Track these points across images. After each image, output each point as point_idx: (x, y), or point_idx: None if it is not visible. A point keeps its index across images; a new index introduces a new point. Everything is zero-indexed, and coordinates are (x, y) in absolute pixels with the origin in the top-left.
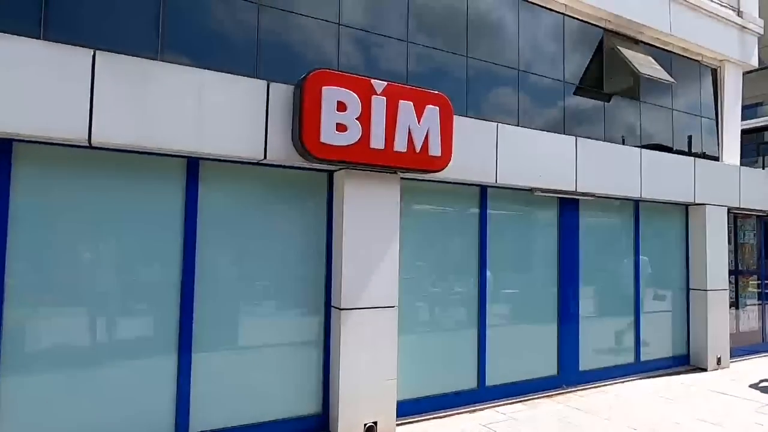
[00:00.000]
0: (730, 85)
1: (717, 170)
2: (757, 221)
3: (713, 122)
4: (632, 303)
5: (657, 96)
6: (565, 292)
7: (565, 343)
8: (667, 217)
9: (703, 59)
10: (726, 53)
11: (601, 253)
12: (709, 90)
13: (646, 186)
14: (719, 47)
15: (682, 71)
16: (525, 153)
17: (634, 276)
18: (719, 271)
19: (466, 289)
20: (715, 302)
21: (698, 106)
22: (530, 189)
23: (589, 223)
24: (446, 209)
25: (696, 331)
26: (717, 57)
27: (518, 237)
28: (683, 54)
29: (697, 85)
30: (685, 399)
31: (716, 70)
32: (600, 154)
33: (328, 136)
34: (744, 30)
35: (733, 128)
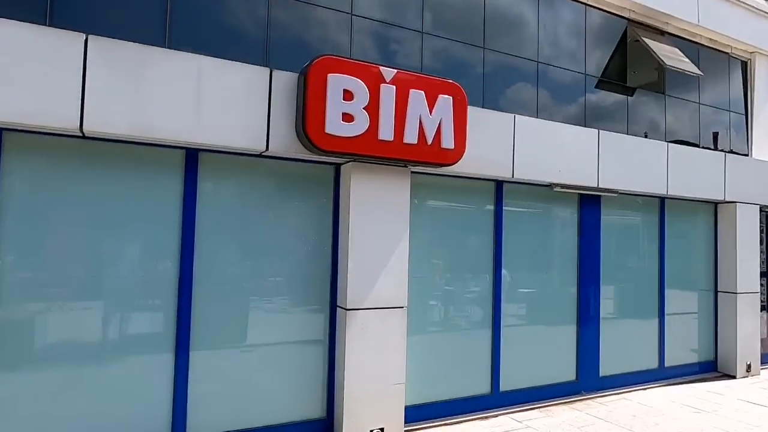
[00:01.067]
0: (760, 78)
1: (748, 166)
2: None
3: (742, 117)
4: (656, 305)
5: (683, 90)
6: (585, 293)
7: (585, 346)
8: (695, 216)
9: (732, 51)
10: (757, 45)
11: (624, 252)
12: (738, 83)
13: (673, 182)
14: (750, 38)
15: (710, 64)
16: (544, 146)
17: (659, 277)
18: (750, 273)
19: (480, 289)
20: (745, 306)
21: (727, 101)
22: (549, 184)
23: (611, 220)
24: (460, 205)
25: (725, 336)
26: (747, 49)
27: (536, 234)
28: (711, 46)
29: (725, 78)
30: (713, 409)
31: (746, 63)
32: (624, 148)
33: (333, 126)
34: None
35: (764, 123)
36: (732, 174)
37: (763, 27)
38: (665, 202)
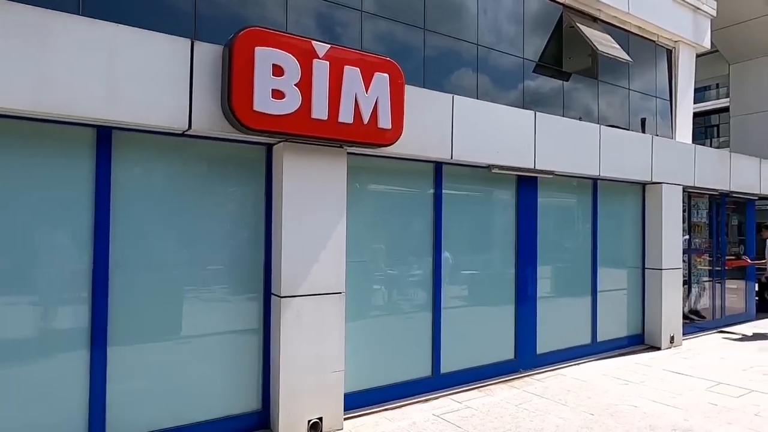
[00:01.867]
0: (683, 66)
1: (673, 149)
2: (709, 200)
3: (667, 103)
4: (590, 283)
5: (614, 76)
6: (523, 273)
7: (523, 325)
8: (625, 197)
9: (658, 39)
10: (681, 34)
11: (560, 233)
12: (664, 71)
13: (605, 164)
14: (674, 28)
15: (638, 51)
16: (482, 128)
17: (592, 256)
18: (674, 250)
19: (420, 272)
20: (669, 281)
21: (654, 87)
22: (488, 166)
23: (547, 201)
24: (399, 188)
25: (651, 311)
26: (672, 38)
27: (475, 216)
28: (640, 34)
29: (652, 65)
30: (640, 380)
31: (671, 51)
32: (559, 131)
33: (262, 103)
34: (697, 11)
35: (686, 109)
36: (658, 156)
37: (685, 17)
38: (598, 184)
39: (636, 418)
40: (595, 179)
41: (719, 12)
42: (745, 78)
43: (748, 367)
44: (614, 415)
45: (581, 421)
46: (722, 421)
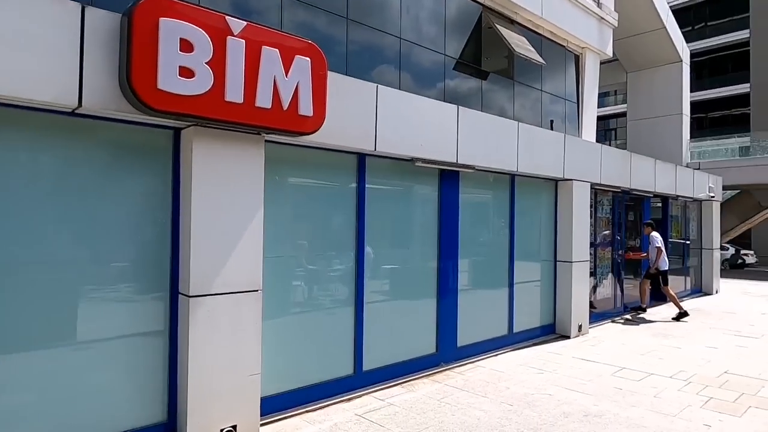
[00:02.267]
0: (589, 71)
1: (583, 147)
2: (612, 197)
3: (575, 105)
4: (507, 276)
5: (528, 78)
6: (444, 267)
7: (444, 319)
8: (539, 192)
9: (568, 45)
10: (587, 41)
11: (480, 226)
12: (572, 75)
13: (523, 160)
14: (582, 34)
15: (550, 55)
16: (406, 120)
17: (509, 249)
18: (582, 244)
19: (342, 267)
20: (578, 273)
21: (563, 89)
22: (411, 159)
23: (468, 196)
24: (321, 179)
25: (561, 301)
26: (580, 44)
27: (398, 210)
28: (552, 38)
29: (562, 69)
30: (554, 369)
31: (579, 57)
32: (481, 126)
33: (168, 81)
34: (602, 21)
35: (591, 111)
36: (570, 154)
37: (592, 25)
38: (515, 180)
39: (551, 406)
40: (513, 175)
41: (620, 24)
42: (639, 86)
43: (645, 352)
44: (531, 404)
45: (501, 412)
46: (627, 404)
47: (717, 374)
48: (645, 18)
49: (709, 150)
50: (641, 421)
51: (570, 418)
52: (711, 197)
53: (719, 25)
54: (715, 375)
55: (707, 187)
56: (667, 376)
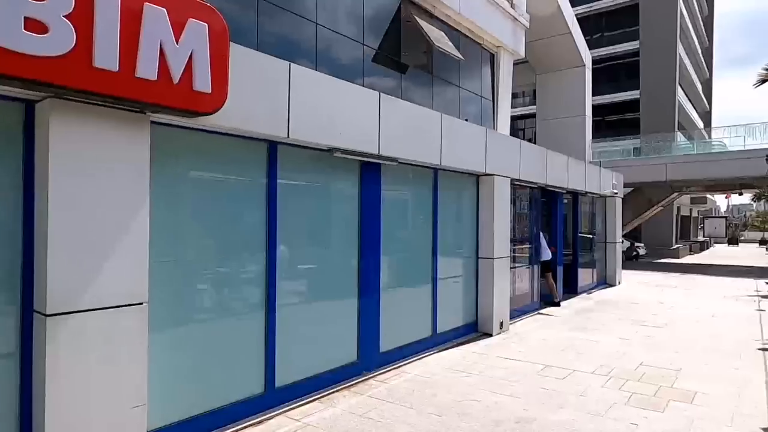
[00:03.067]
0: (504, 69)
1: (503, 142)
2: (530, 193)
3: (491, 102)
4: (430, 274)
5: (447, 74)
6: (366, 267)
7: (366, 323)
8: (462, 188)
9: (484, 43)
10: (502, 40)
11: (403, 223)
12: (488, 73)
13: (446, 153)
14: (497, 33)
15: (467, 52)
16: (324, 105)
17: (433, 247)
18: (503, 240)
19: (251, 270)
20: (499, 270)
21: (479, 87)
22: (329, 149)
23: (390, 190)
24: (225, 170)
25: (483, 299)
26: (495, 43)
27: (316, 205)
28: (469, 36)
29: (479, 67)
30: (480, 371)
31: (494, 56)
32: (404, 116)
33: (9, 36)
34: (516, 21)
35: (505, 109)
36: (491, 149)
37: (506, 25)
38: (438, 174)
39: (481, 414)
40: (436, 169)
41: (530, 27)
42: (547, 87)
43: (566, 347)
44: (461, 414)
45: (429, 424)
46: (555, 406)
47: (634, 367)
48: (553, 23)
49: (607, 150)
50: (572, 425)
51: (502, 427)
52: (614, 193)
53: (613, 36)
54: (633, 368)
55: (611, 183)
56: (589, 371)
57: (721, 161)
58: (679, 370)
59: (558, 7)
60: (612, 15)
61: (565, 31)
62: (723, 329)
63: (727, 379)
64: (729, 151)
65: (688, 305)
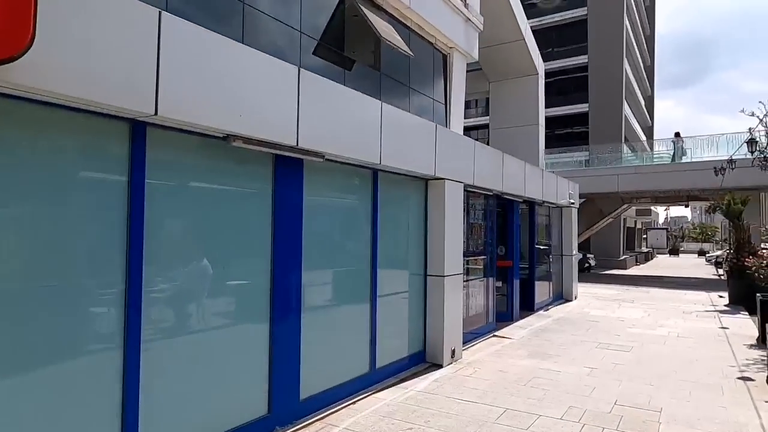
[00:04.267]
0: (457, 72)
1: (456, 142)
2: (485, 200)
3: (443, 106)
4: (368, 297)
5: (396, 72)
6: (281, 287)
7: (281, 360)
8: (407, 193)
9: (436, 42)
10: (455, 40)
11: (333, 233)
12: (440, 75)
13: (387, 151)
14: (450, 33)
15: (418, 52)
16: (216, 75)
17: (371, 263)
18: (456, 255)
19: (103, 298)
20: (451, 288)
21: (431, 88)
22: (225, 136)
23: (317, 193)
24: (56, 159)
25: (432, 323)
26: (448, 43)
27: (207, 210)
28: (420, 33)
29: (430, 67)
30: (427, 420)
31: (446, 57)
32: (331, 100)
33: None
34: (469, 22)
35: (458, 114)
36: (442, 148)
37: (459, 25)
38: (379, 176)
39: None
40: (376, 169)
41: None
42: (501, 95)
43: (527, 381)
44: None
45: None
46: None
47: (608, 408)
48: (506, 28)
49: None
50: None
51: None
52: (571, 203)
53: (563, 51)
54: (607, 409)
55: (568, 193)
56: (558, 416)
57: (672, 172)
58: (660, 411)
59: (511, 12)
60: (562, 29)
61: (518, 37)
62: (694, 353)
63: (718, 422)
64: (680, 162)
65: (650, 323)
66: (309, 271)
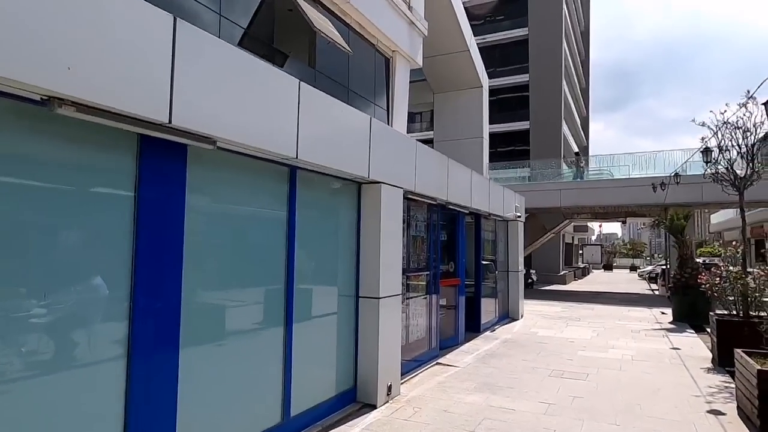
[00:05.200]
0: (400, 77)
1: (395, 139)
2: (428, 211)
3: (385, 112)
4: (282, 324)
5: (335, 73)
6: (147, 312)
7: (145, 413)
8: (336, 198)
9: (378, 44)
10: (398, 44)
11: (230, 245)
12: (382, 79)
13: (307, 143)
14: (393, 35)
15: (359, 52)
16: (23, 5)
17: (287, 281)
18: (393, 273)
19: None
20: (388, 313)
21: (372, 94)
22: (45, 99)
23: (207, 191)
24: None
25: (366, 355)
26: (390, 46)
27: (20, 212)
28: (360, 32)
29: (372, 70)
30: None
31: (389, 60)
32: (225, 69)
33: None
34: (413, 26)
35: (401, 121)
36: (379, 146)
37: (403, 28)
38: (297, 175)
39: None
40: (294, 167)
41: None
42: (445, 108)
43: (475, 424)
44: None
45: None
46: None
47: None
48: (451, 38)
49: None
50: None
51: None
52: (517, 217)
53: (505, 69)
54: None
55: (514, 206)
56: None
57: (613, 188)
58: None
59: (456, 22)
60: (504, 48)
61: (463, 48)
62: (653, 380)
63: None
64: (621, 178)
65: (600, 344)
66: (194, 293)
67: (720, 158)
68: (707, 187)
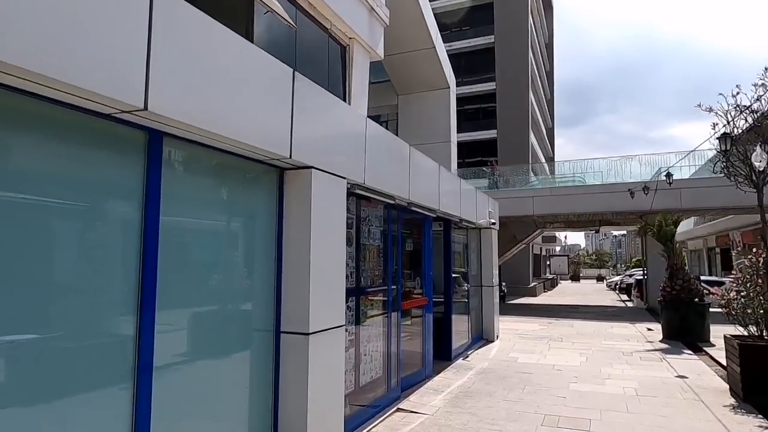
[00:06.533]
0: (358, 68)
1: (330, 107)
2: (385, 212)
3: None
4: (131, 365)
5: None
6: None
7: None
8: (241, 187)
9: (332, 28)
10: (356, 30)
11: (29, 243)
12: (337, 70)
13: (176, 93)
14: (350, 20)
15: (310, 36)
16: None
17: (139, 314)
18: (332, 296)
19: None
20: (323, 354)
21: (326, 83)
22: None
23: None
24: None
25: (289, 413)
26: (347, 32)
27: None
28: (312, 14)
29: (325, 58)
30: None
31: (346, 49)
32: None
33: None
34: (373, 13)
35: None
36: (305, 112)
37: (362, 14)
38: (163, 146)
39: None
40: (154, 131)
41: (392, 37)
42: (410, 110)
43: None
44: None
45: None
46: None
47: None
48: (416, 34)
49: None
50: None
51: None
52: (491, 224)
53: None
54: None
55: (488, 212)
56: None
57: (588, 194)
58: None
59: (421, 16)
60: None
61: (429, 45)
62: (675, 428)
63: None
64: (596, 184)
65: (593, 372)
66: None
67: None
68: (686, 192)
